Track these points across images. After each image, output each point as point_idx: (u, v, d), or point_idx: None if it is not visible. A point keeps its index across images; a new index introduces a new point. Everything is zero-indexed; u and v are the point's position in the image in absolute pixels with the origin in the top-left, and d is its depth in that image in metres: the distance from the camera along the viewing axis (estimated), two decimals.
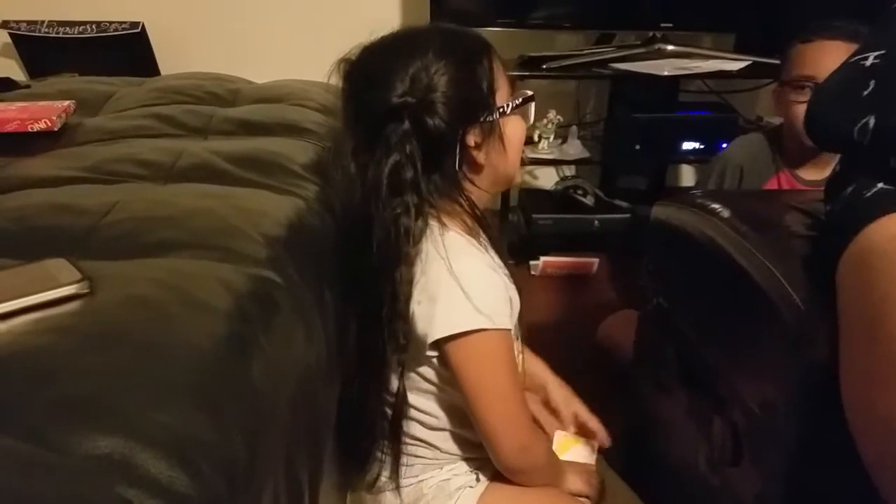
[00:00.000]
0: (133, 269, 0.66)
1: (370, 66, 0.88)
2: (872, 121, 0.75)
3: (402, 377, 0.91)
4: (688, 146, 2.31)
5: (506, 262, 0.92)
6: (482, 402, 0.87)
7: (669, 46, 2.28)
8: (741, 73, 2.23)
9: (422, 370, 0.92)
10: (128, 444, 0.43)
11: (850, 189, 0.81)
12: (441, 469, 0.98)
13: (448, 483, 0.97)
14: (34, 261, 0.64)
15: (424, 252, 0.87)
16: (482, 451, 0.93)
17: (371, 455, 0.97)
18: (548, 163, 2.38)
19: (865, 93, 0.76)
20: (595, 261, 2.28)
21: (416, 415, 0.95)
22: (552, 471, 0.99)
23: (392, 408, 0.93)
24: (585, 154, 2.39)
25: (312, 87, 1.65)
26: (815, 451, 0.80)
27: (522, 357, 1.03)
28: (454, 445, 0.97)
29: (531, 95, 0.92)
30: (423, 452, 0.97)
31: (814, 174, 1.55)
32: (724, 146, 2.18)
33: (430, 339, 0.85)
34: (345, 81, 0.90)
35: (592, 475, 1.05)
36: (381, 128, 0.85)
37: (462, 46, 0.90)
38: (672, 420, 1.20)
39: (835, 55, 1.19)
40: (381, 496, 0.99)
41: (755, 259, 0.94)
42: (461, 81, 0.86)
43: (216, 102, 1.47)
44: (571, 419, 1.13)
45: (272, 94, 1.54)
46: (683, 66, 2.22)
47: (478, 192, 0.92)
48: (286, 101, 1.49)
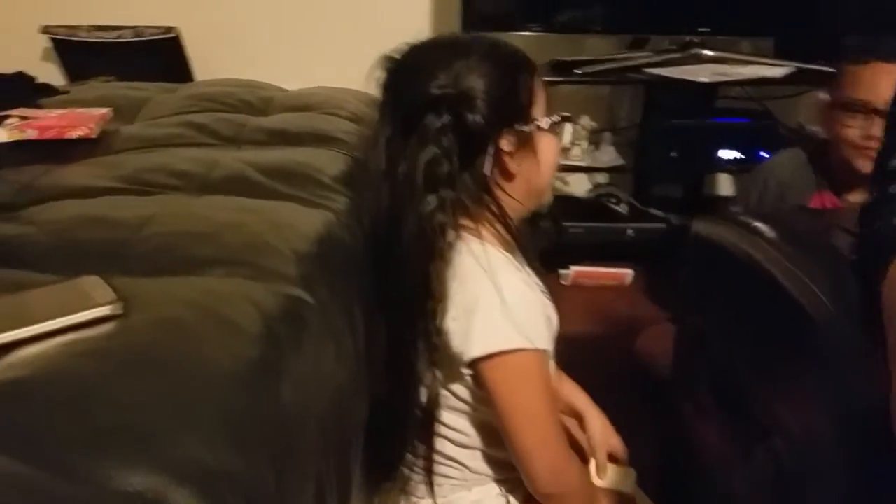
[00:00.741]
0: (166, 288, 0.65)
1: (414, 59, 0.88)
2: None
3: (435, 375, 0.90)
4: (726, 154, 2.26)
5: (543, 279, 0.91)
6: (516, 423, 0.86)
7: (707, 52, 2.24)
8: (783, 80, 2.18)
9: (454, 387, 0.90)
10: (160, 481, 0.42)
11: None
12: (470, 491, 0.96)
13: None
14: (69, 278, 0.63)
15: (462, 265, 0.85)
16: (514, 473, 0.91)
17: (397, 471, 0.95)
18: (580, 169, 2.36)
19: None
20: (629, 272, 2.24)
21: (447, 432, 0.94)
22: (587, 497, 0.96)
23: (422, 423, 0.92)
24: (619, 161, 2.36)
25: (343, 95, 1.65)
26: (866, 484, 0.77)
27: (558, 378, 1.01)
28: (485, 465, 0.95)
29: (567, 116, 0.92)
30: (452, 472, 0.96)
31: (858, 196, 1.48)
32: (764, 155, 2.16)
33: (467, 357, 0.83)
34: (387, 73, 0.89)
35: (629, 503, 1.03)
36: (420, 118, 0.83)
37: (506, 56, 0.89)
38: (710, 445, 1.16)
39: (891, 78, 1.14)
40: None
41: (800, 282, 0.90)
42: (502, 85, 0.85)
43: (249, 111, 1.47)
44: (606, 451, 1.10)
45: (303, 103, 1.54)
46: (722, 73, 2.18)
47: (509, 202, 0.89)
48: (317, 110, 1.49)
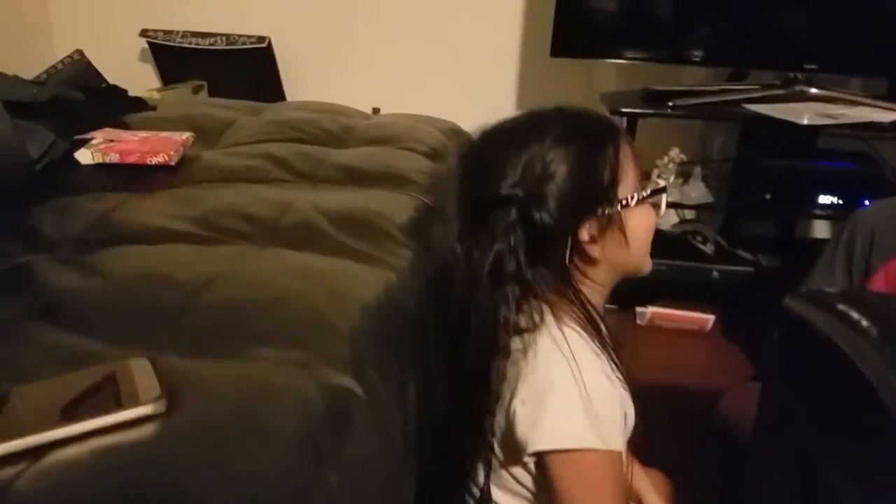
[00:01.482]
0: (213, 377, 0.64)
1: (484, 153, 0.86)
2: None
3: (489, 473, 0.86)
4: (824, 200, 2.12)
5: (624, 374, 0.84)
6: None
7: (812, 90, 2.10)
8: (892, 126, 2.02)
9: (514, 470, 0.86)
10: None
11: None
12: None
13: None
14: (115, 360, 0.62)
15: (538, 346, 0.81)
16: None
17: None
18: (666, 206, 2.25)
19: None
20: (710, 317, 2.13)
21: None
22: None
23: (476, 502, 0.89)
24: (708, 198, 2.24)
25: (425, 126, 1.62)
26: None
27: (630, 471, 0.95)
28: None
29: (663, 187, 0.85)
30: None
31: None
32: (866, 203, 2.01)
33: (531, 449, 0.79)
34: (460, 164, 0.89)
35: None
36: (488, 216, 0.82)
37: (585, 132, 0.84)
38: None
39: None
40: None
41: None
42: (578, 173, 0.81)
43: (329, 142, 1.46)
44: None
45: (383, 135, 1.52)
46: (826, 114, 2.03)
47: (592, 286, 0.85)
48: (395, 144, 1.47)
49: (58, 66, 2.14)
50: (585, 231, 0.81)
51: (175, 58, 2.53)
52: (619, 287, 2.38)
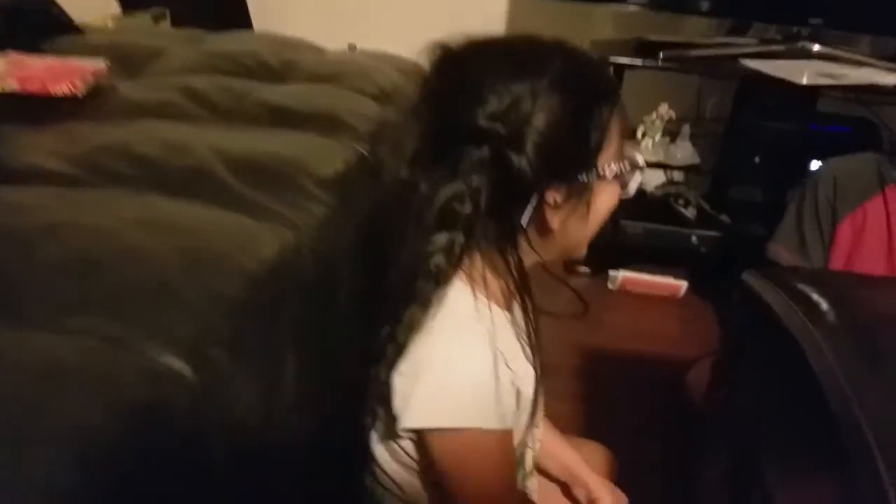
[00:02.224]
0: (19, 350, 0.53)
1: (468, 68, 0.69)
2: None
3: (370, 426, 0.77)
4: (817, 167, 1.97)
5: (537, 347, 0.74)
6: (462, 499, 0.73)
7: (815, 46, 1.93)
8: None
9: (403, 442, 0.76)
10: None
11: None
12: None
13: None
14: None
15: (437, 315, 0.70)
16: None
17: None
18: (648, 165, 2.11)
19: None
20: (683, 284, 2.01)
21: (397, 490, 0.80)
22: None
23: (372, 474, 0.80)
24: (695, 160, 2.10)
25: (382, 65, 1.48)
26: None
27: (530, 453, 0.86)
28: None
29: (641, 165, 0.72)
30: None
31: None
32: None
33: (402, 425, 0.70)
34: (433, 71, 0.71)
35: None
36: (455, 146, 0.67)
37: (586, 83, 0.69)
38: None
39: None
40: None
41: (842, 394, 0.70)
42: (569, 126, 0.67)
43: (263, 76, 1.32)
44: None
45: (330, 72, 1.38)
46: (827, 74, 1.87)
47: (531, 256, 0.73)
48: (342, 83, 1.33)
49: None
50: (553, 194, 0.68)
51: None
52: (595, 248, 2.25)
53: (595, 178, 0.68)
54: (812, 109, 2.05)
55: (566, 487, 0.99)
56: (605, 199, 0.71)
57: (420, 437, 0.72)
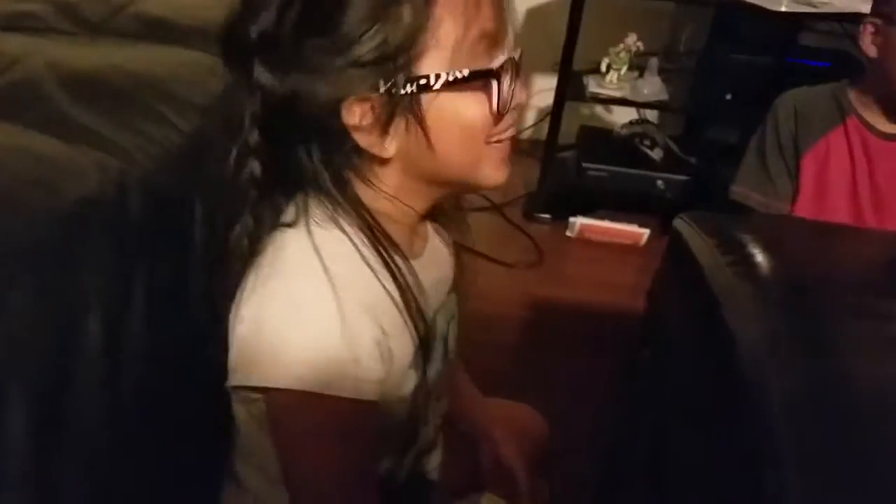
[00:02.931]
0: None
1: None
2: None
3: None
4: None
5: (413, 306, 0.59)
6: (293, 478, 0.60)
7: None
8: None
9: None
10: None
11: None
12: None
13: None
14: None
15: (281, 250, 0.57)
16: None
17: None
18: (610, 101, 1.95)
19: None
20: (645, 232, 1.88)
21: (255, 460, 0.67)
22: None
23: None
24: (663, 96, 1.94)
25: None
26: None
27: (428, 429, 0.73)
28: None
29: (497, 68, 0.55)
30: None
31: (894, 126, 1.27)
32: None
33: (229, 382, 0.57)
34: None
35: None
36: (239, 64, 0.55)
37: None
38: None
39: None
40: None
41: (759, 365, 0.58)
42: (350, 21, 0.52)
43: None
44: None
45: None
46: (807, 1, 1.71)
47: (378, 189, 0.59)
48: None
49: None
50: (351, 112, 0.54)
51: None
52: (557, 194, 2.10)
53: (411, 89, 0.53)
54: (793, 42, 1.89)
55: None
56: (452, 115, 0.55)
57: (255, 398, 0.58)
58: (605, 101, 1.97)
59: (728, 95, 1.85)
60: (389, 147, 0.56)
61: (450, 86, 0.53)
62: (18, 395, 0.54)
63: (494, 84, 0.55)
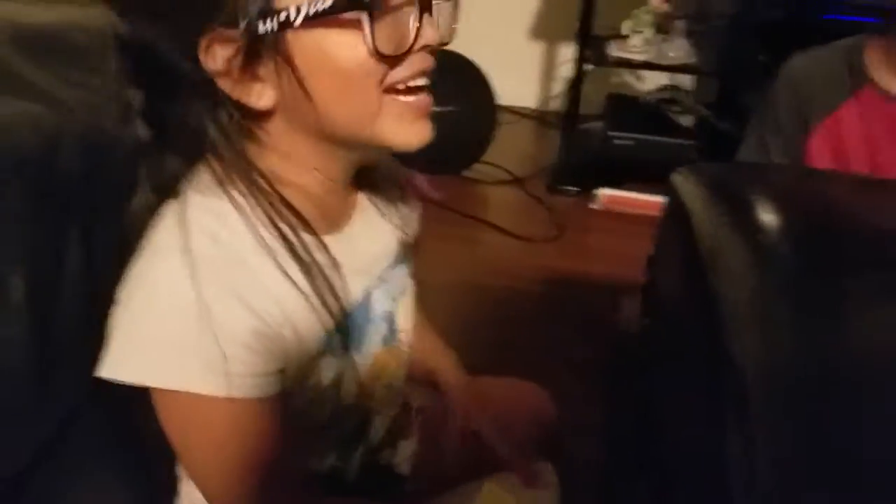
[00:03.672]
0: None
1: None
2: None
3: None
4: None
5: (321, 270, 0.52)
6: (193, 481, 0.55)
7: None
8: None
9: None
10: None
11: None
12: None
13: None
14: None
15: (150, 230, 0.50)
16: None
17: None
18: (634, 65, 1.86)
19: None
20: None
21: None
22: None
23: None
24: (689, 59, 1.84)
25: None
26: None
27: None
28: None
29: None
30: None
31: None
32: None
33: (98, 372, 0.49)
34: None
35: None
36: None
37: None
38: None
39: None
40: None
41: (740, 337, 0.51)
42: None
43: None
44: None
45: None
46: None
47: (269, 146, 0.51)
48: None
49: None
50: (211, 54, 0.47)
51: None
52: (578, 166, 2.01)
53: (268, 26, 0.45)
54: None
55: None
56: (336, 54, 0.47)
57: None
58: (629, 65, 1.88)
59: (762, 57, 1.73)
60: (264, 96, 0.48)
61: (312, 21, 0.45)
62: None
63: (365, 18, 0.45)
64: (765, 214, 0.68)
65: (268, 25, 0.45)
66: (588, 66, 1.84)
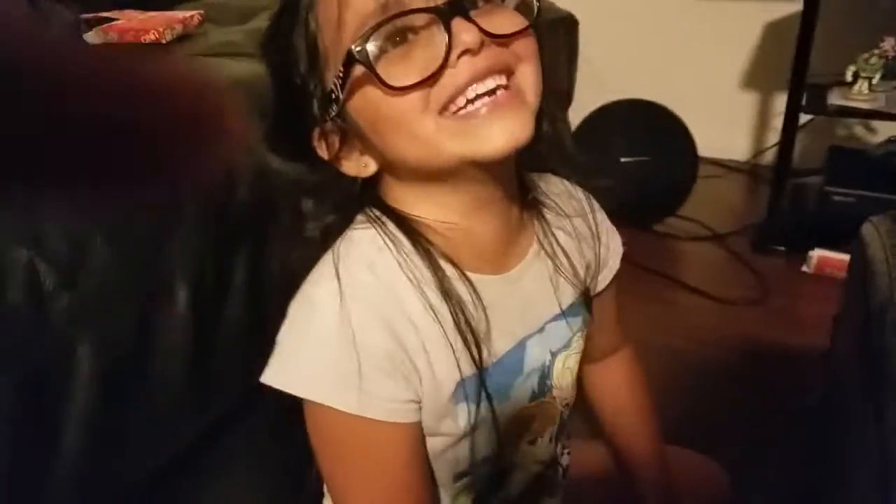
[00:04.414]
0: None
1: None
2: None
3: None
4: None
5: (462, 309, 0.54)
6: (327, 485, 0.58)
7: None
8: None
9: None
10: None
11: None
12: None
13: None
14: None
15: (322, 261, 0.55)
16: None
17: None
18: (857, 114, 1.68)
19: None
20: None
21: None
22: None
23: None
24: None
25: None
26: None
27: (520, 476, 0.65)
28: None
29: (362, 52, 0.47)
30: None
31: None
32: None
33: (262, 378, 0.54)
34: None
35: None
36: None
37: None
38: None
39: None
40: None
41: None
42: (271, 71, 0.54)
43: None
44: None
45: None
46: None
47: (409, 199, 0.55)
48: None
49: None
50: (320, 147, 0.53)
51: None
52: (790, 223, 1.86)
53: (332, 109, 0.51)
54: None
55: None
56: (377, 103, 0.48)
57: None
58: (851, 114, 1.70)
59: None
60: (369, 164, 0.54)
61: (344, 89, 0.49)
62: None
63: (359, 68, 0.47)
64: None
65: (331, 107, 0.51)
66: (805, 117, 1.70)
